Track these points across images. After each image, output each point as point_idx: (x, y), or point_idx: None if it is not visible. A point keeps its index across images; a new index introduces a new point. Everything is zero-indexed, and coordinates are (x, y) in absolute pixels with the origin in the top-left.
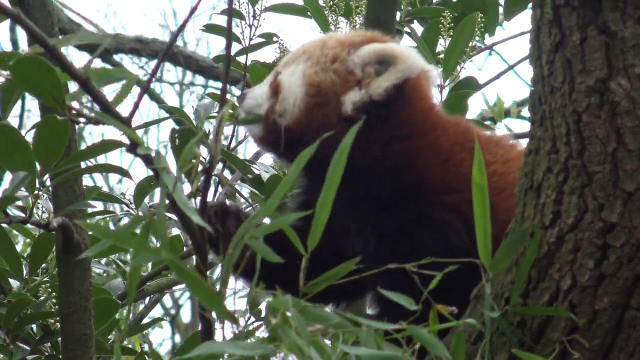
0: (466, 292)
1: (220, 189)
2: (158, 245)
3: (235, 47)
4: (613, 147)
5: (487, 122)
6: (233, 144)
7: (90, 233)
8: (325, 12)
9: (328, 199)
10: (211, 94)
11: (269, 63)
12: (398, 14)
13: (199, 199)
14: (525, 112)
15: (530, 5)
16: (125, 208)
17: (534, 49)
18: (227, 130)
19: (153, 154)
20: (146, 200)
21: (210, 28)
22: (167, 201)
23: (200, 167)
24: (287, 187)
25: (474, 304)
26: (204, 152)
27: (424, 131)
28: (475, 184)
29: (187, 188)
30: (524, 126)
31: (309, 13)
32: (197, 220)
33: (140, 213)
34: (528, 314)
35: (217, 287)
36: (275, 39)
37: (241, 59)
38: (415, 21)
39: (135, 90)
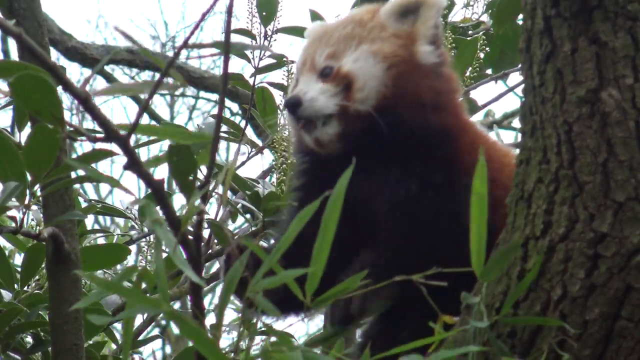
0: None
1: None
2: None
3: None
4: (604, 157)
5: None
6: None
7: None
8: None
9: (325, 245)
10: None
11: (278, 83)
12: None
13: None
14: (516, 123)
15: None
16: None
17: (525, 59)
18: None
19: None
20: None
21: (218, 46)
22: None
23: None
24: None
25: (465, 314)
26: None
27: (457, 105)
28: (476, 192)
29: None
30: (514, 137)
31: None
32: (194, 278)
33: (145, 229)
34: (518, 324)
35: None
36: (285, 59)
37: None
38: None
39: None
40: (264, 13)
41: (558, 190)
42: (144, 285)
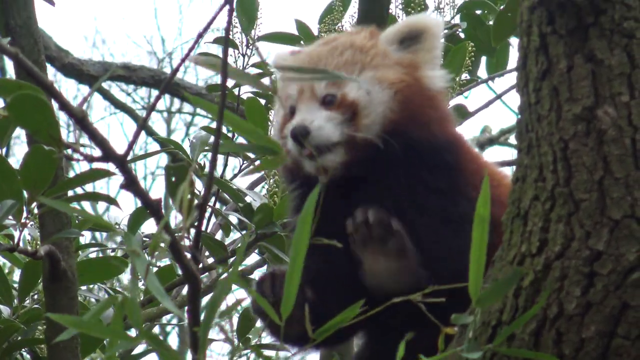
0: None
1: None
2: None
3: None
4: (600, 174)
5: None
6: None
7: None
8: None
9: (296, 272)
10: (206, 127)
11: (266, 93)
12: None
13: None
14: (512, 139)
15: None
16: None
17: (521, 76)
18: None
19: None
20: (140, 230)
21: (197, 59)
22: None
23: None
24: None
25: (461, 331)
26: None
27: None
28: (478, 215)
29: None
30: (510, 154)
31: (302, 42)
32: (171, 308)
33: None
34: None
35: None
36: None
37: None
38: None
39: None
40: (244, 18)
41: (554, 207)
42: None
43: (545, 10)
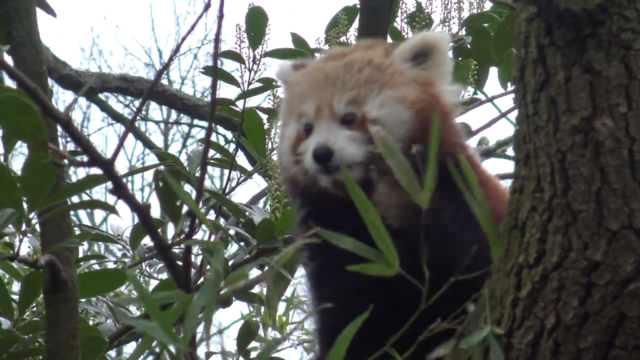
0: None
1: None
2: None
3: (234, 90)
4: (597, 186)
5: None
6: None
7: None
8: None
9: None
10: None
11: (268, 108)
12: None
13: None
14: (509, 151)
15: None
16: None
17: (519, 88)
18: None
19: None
20: (143, 242)
21: (209, 70)
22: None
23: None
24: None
25: (457, 341)
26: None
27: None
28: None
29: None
30: (508, 166)
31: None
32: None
33: (137, 256)
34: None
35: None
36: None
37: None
38: None
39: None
40: (252, 34)
41: (552, 219)
42: None
43: (543, 22)
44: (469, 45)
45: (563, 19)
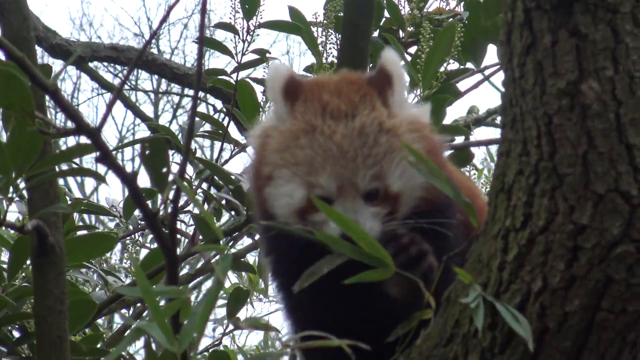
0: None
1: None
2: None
3: (227, 60)
4: (584, 149)
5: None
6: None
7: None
8: (318, 30)
9: None
10: (200, 114)
11: (261, 79)
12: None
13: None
14: (499, 120)
15: None
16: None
17: (505, 51)
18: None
19: None
20: (136, 212)
21: (207, 42)
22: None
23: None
24: None
25: (445, 305)
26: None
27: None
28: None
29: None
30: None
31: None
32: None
33: (130, 226)
34: (499, 316)
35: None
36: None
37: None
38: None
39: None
40: (246, 6)
41: (538, 182)
42: None
43: None
44: (466, 21)
45: None
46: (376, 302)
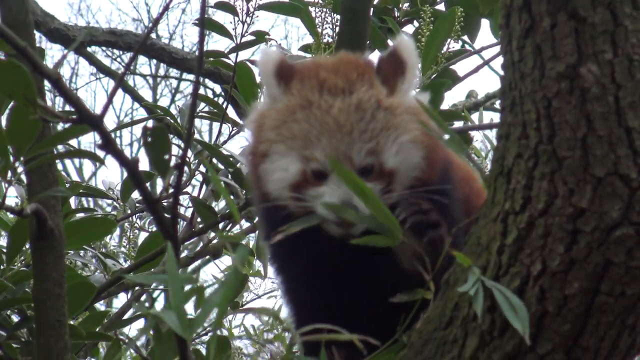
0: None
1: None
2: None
3: (224, 44)
4: (583, 132)
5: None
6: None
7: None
8: (316, 10)
9: None
10: (200, 95)
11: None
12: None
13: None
14: (498, 104)
15: None
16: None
17: (504, 35)
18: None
19: None
20: (133, 195)
21: (207, 23)
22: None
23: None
24: None
25: (444, 289)
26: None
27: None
28: None
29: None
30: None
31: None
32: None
33: (128, 210)
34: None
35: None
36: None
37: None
38: (415, 21)
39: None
40: None
41: (537, 165)
42: None
43: None
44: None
45: None
46: (373, 286)
